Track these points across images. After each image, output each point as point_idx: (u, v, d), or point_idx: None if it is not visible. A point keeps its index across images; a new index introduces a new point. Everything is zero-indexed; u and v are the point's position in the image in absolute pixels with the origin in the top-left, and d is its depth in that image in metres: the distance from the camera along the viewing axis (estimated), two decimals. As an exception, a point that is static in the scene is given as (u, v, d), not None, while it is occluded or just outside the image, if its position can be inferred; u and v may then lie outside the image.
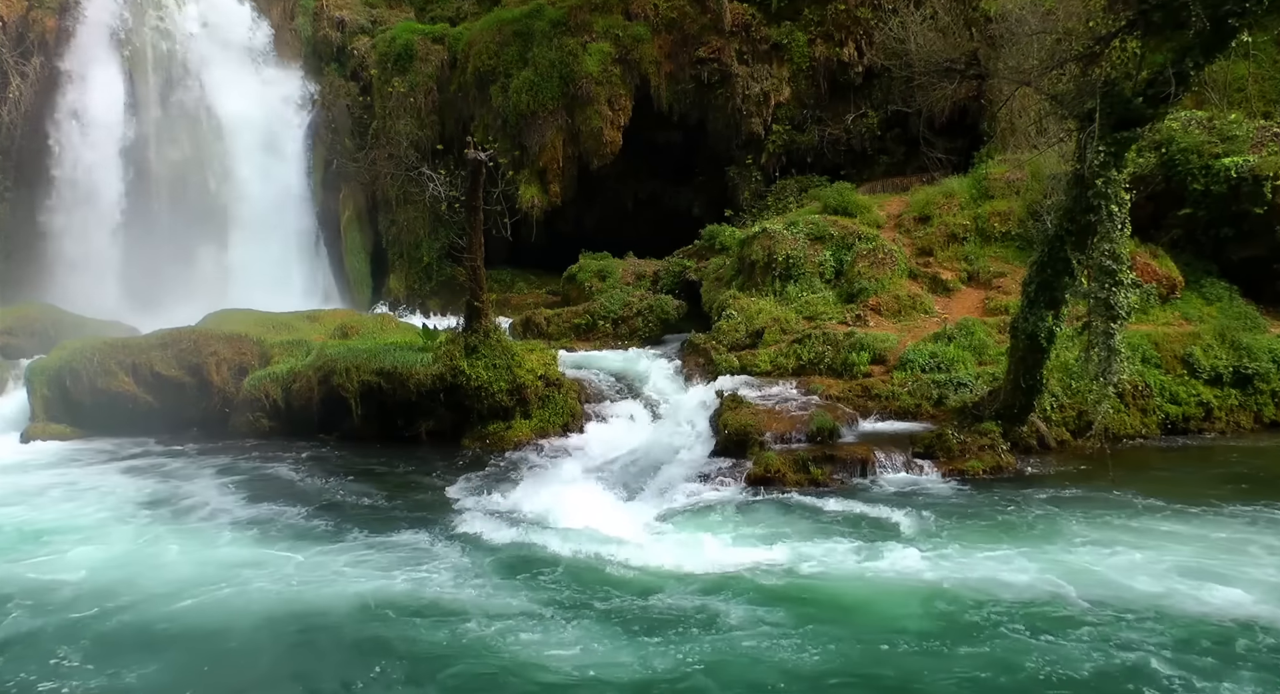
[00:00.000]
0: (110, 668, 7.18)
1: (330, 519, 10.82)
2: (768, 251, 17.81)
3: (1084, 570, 8.65)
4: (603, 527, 10.05)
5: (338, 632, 7.78)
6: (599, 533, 9.85)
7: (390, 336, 16.57)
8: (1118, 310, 11.30)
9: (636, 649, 7.30)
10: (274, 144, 25.33)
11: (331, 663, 7.30)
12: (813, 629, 7.57)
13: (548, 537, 9.90)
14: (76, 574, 9.09)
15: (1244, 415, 14.38)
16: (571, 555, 9.35)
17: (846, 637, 7.45)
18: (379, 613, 8.03)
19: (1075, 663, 6.93)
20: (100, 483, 12.64)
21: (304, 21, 26.65)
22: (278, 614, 8.10)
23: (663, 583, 8.61)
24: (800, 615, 7.81)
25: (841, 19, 23.16)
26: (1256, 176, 15.83)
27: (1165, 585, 8.25)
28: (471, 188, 14.82)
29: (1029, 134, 18.03)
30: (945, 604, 8.02)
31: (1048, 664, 6.93)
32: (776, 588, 8.42)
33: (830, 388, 14.59)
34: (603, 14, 23.84)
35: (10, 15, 24.58)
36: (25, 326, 19.09)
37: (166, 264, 23.25)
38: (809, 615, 7.82)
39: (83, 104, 23.91)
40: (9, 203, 24.43)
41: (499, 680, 6.92)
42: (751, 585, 8.47)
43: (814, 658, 7.12)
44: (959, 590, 8.27)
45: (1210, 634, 7.32)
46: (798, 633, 7.51)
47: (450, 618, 7.91)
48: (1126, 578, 8.44)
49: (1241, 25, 10.35)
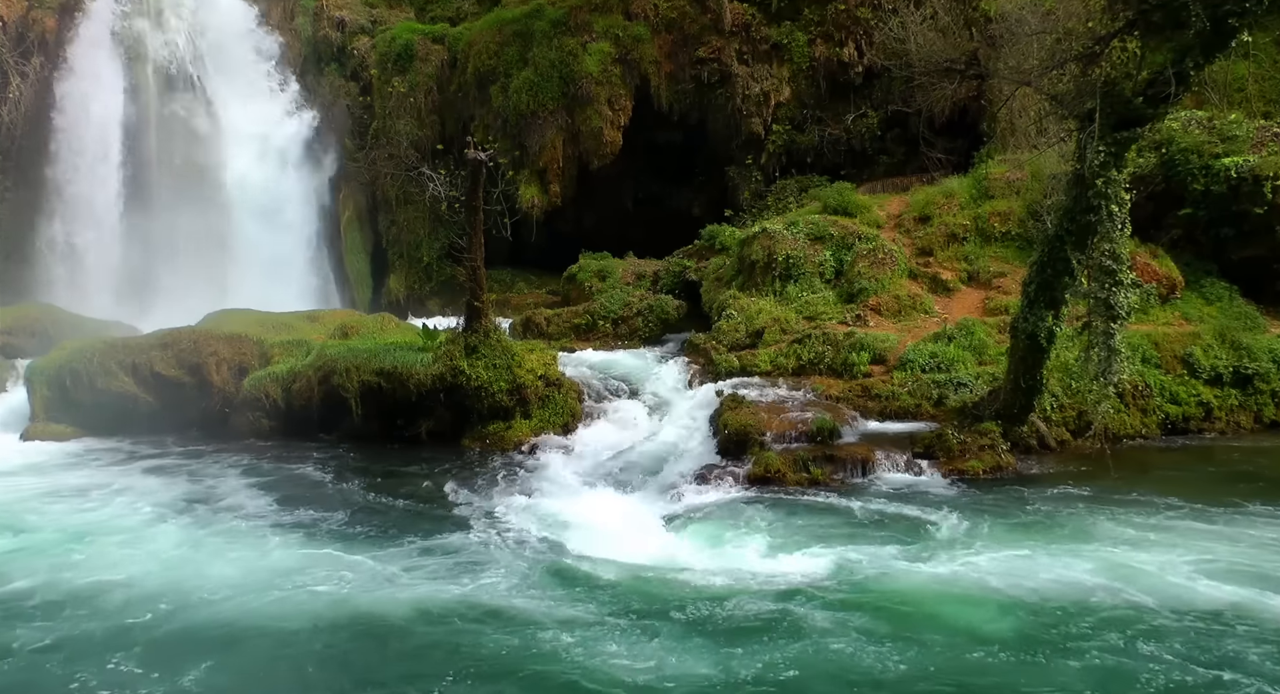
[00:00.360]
0: (168, 673, 7.06)
1: (364, 522, 10.72)
2: (768, 251, 17.81)
3: (1138, 571, 8.56)
4: (623, 530, 10.09)
5: (401, 637, 7.62)
6: (629, 541, 9.82)
7: (390, 336, 16.56)
8: (1118, 310, 11.30)
9: (718, 658, 7.11)
10: (274, 144, 25.33)
11: (398, 669, 7.13)
12: (892, 636, 7.37)
13: (578, 542, 9.83)
14: (123, 576, 8.95)
15: (1244, 415, 14.38)
16: (611, 564, 9.22)
17: (931, 644, 7.24)
18: (439, 618, 7.89)
19: (1184, 672, 6.64)
20: (131, 484, 12.53)
21: (304, 21, 26.65)
22: (334, 618, 7.96)
23: (712, 589, 8.48)
24: (875, 622, 7.62)
25: (841, 19, 23.15)
26: (1256, 176, 15.83)
27: (1228, 588, 8.11)
28: (471, 188, 14.82)
29: (1029, 134, 18.03)
30: (1018, 609, 7.84)
31: (1154, 674, 6.65)
32: (840, 595, 8.20)
33: (830, 388, 14.59)
34: (603, 14, 23.84)
35: (10, 15, 24.58)
36: (25, 326, 19.07)
37: (166, 264, 23.25)
38: (884, 622, 7.62)
39: (83, 104, 23.90)
40: (9, 203, 24.43)
41: (574, 687, 6.79)
42: (812, 592, 8.26)
43: (901, 666, 6.93)
44: (1023, 593, 8.12)
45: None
46: (878, 641, 7.30)
47: (508, 623, 7.80)
48: (1188, 580, 8.32)
49: (1241, 25, 10.35)
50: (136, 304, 21.99)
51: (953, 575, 8.60)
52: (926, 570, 8.75)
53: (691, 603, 8.18)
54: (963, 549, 9.24)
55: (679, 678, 6.88)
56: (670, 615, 7.93)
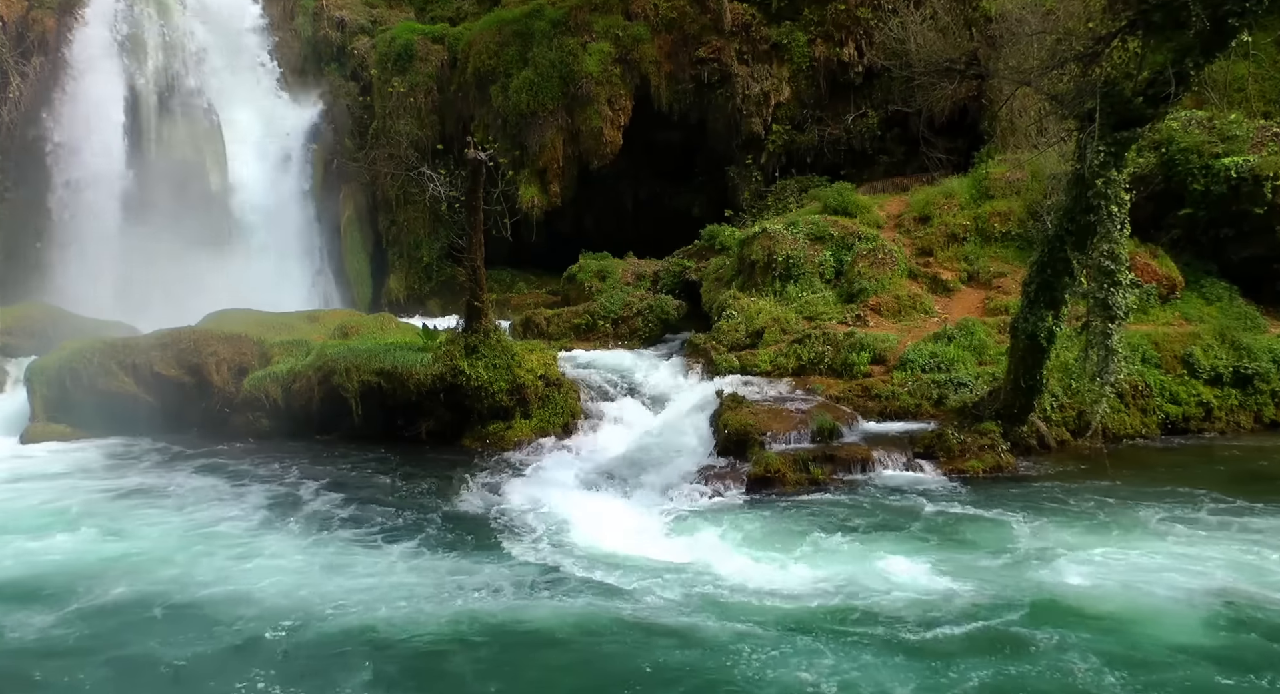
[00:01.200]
0: (317, 687, 7.00)
1: (457, 529, 10.53)
2: (768, 251, 17.81)
3: (1253, 568, 8.51)
4: (623, 531, 10.11)
5: (561, 650, 7.52)
6: (629, 541, 9.80)
7: (390, 336, 16.55)
8: (1115, 310, 11.30)
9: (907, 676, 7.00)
10: (274, 144, 25.32)
11: (554, 686, 7.09)
12: (1089, 648, 7.17)
13: (579, 542, 9.82)
14: (245, 587, 8.78)
15: (1244, 415, 14.38)
16: (612, 564, 9.21)
17: (1144, 657, 7.05)
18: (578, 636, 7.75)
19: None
20: (183, 483, 12.44)
21: (304, 21, 26.64)
22: (481, 629, 7.84)
23: (711, 590, 8.46)
24: (1062, 633, 7.44)
25: (841, 19, 23.14)
26: (1256, 176, 15.83)
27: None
28: (471, 188, 14.81)
29: (1029, 134, 18.03)
30: (1206, 616, 7.70)
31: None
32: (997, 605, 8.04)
33: (830, 388, 14.59)
34: (603, 14, 23.83)
35: (10, 15, 24.57)
36: (25, 326, 19.04)
37: (166, 264, 23.19)
38: (1075, 632, 7.45)
39: (83, 104, 23.88)
40: (9, 203, 24.40)
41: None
42: (818, 600, 8.15)
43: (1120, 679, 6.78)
44: (1172, 601, 7.99)
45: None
46: (1081, 653, 7.12)
47: (506, 634, 7.74)
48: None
49: (1241, 25, 10.35)
50: (136, 304, 21.96)
51: (1094, 584, 8.36)
52: (1056, 580, 8.52)
53: (692, 603, 8.19)
54: (1079, 553, 9.08)
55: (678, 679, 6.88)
56: (669, 616, 7.93)
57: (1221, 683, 6.74)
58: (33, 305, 20.55)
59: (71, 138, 23.85)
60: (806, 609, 8.02)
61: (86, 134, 23.83)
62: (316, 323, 18.11)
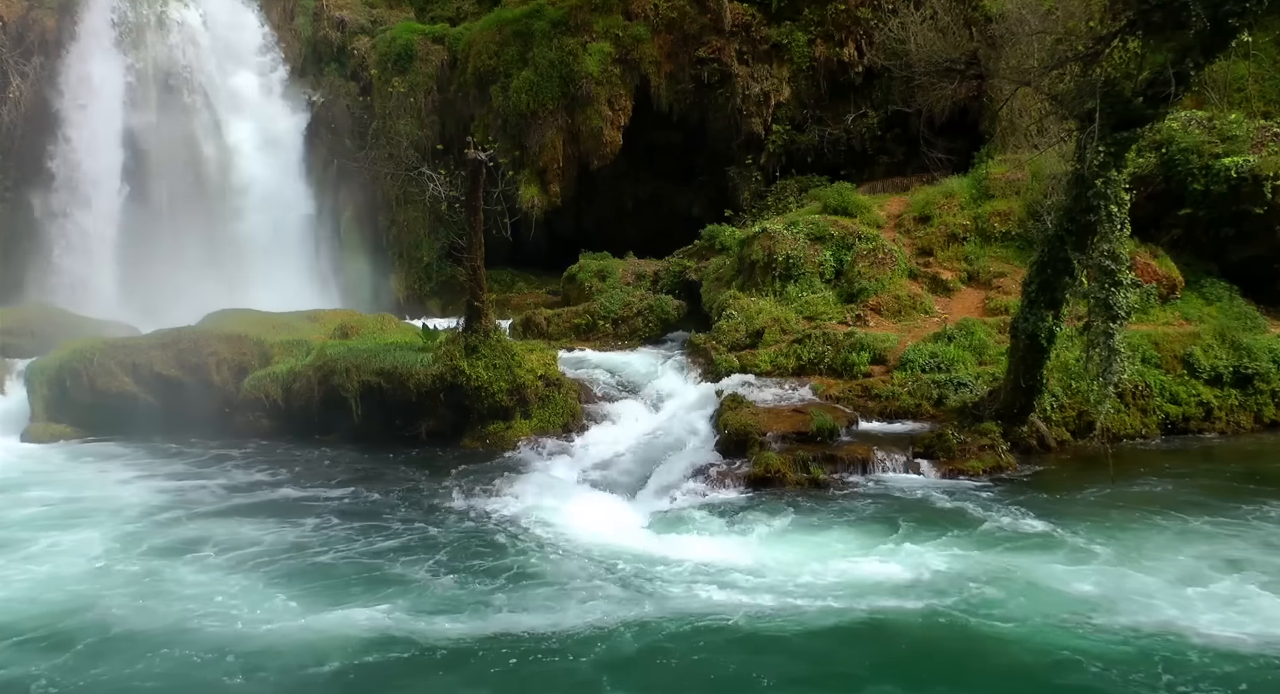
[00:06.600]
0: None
1: (457, 529, 10.44)
2: (768, 251, 17.80)
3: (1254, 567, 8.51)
4: (623, 530, 10.13)
5: (561, 650, 7.44)
6: (629, 541, 9.82)
7: (390, 336, 16.56)
8: (1117, 310, 11.30)
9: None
10: (274, 144, 25.30)
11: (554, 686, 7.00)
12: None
13: (579, 543, 9.81)
14: (241, 588, 8.69)
15: (1244, 415, 14.37)
16: (612, 564, 9.20)
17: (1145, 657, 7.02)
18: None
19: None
20: (183, 483, 12.42)
21: (304, 21, 26.63)
22: (480, 628, 7.83)
23: (712, 592, 8.46)
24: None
25: (841, 19, 23.14)
26: (1256, 176, 15.82)
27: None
28: (471, 188, 14.82)
29: (1029, 134, 18.01)
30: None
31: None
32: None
33: (830, 388, 14.59)
34: (603, 14, 23.82)
35: (10, 15, 24.57)
36: (25, 327, 19.04)
37: (166, 264, 23.21)
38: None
39: (83, 104, 23.87)
40: (9, 203, 24.40)
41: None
42: (811, 593, 8.16)
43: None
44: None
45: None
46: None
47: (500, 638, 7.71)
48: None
49: (1241, 25, 10.35)
50: (136, 304, 21.97)
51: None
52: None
53: (692, 602, 8.19)
54: (1040, 552, 9.05)
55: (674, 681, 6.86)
56: (670, 616, 7.93)
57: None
58: (33, 305, 20.58)
59: (71, 138, 23.83)
60: (806, 609, 8.01)
61: (86, 135, 23.82)
62: (316, 323, 18.11)
